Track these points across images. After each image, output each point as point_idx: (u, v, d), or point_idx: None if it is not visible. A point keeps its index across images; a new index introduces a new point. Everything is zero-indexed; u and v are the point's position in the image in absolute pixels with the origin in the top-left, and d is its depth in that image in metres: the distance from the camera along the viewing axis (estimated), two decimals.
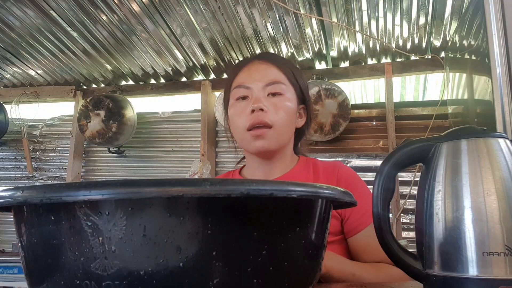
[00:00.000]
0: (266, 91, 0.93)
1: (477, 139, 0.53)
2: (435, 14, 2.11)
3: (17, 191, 0.39)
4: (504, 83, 1.34)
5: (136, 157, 2.99)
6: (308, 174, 0.97)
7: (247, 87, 0.93)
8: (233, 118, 0.96)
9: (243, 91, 0.94)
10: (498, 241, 0.48)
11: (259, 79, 0.93)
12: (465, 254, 0.49)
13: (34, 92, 3.08)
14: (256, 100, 0.91)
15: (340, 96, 2.41)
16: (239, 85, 0.95)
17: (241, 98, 0.94)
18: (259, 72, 0.95)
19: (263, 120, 0.89)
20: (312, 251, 0.46)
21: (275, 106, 0.91)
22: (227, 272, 0.39)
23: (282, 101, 0.93)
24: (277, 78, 0.94)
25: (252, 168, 1.01)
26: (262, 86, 0.93)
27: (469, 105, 1.75)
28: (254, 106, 0.90)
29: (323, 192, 0.44)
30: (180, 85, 2.89)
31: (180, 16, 2.27)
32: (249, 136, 0.91)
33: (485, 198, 0.49)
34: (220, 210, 0.39)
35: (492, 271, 0.48)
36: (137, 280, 0.37)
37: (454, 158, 0.53)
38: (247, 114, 0.91)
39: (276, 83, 0.93)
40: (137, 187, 0.35)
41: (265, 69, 0.95)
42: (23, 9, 2.29)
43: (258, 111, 0.90)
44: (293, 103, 0.95)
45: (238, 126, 0.94)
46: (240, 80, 0.96)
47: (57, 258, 0.39)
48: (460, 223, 0.50)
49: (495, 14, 1.37)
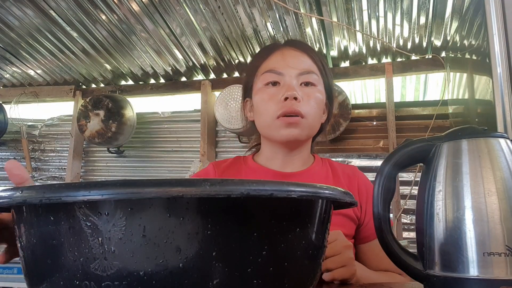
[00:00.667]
0: (299, 80, 0.89)
1: (478, 139, 0.53)
2: (435, 13, 2.11)
3: (16, 191, 0.38)
4: (504, 83, 1.34)
5: (135, 157, 2.99)
6: (328, 173, 0.96)
7: (280, 73, 0.89)
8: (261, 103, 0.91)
9: (275, 77, 0.89)
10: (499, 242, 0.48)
11: (293, 66, 0.89)
12: (465, 255, 0.49)
13: (34, 92, 3.08)
14: (289, 88, 0.87)
15: (341, 96, 2.41)
16: (271, 70, 0.90)
17: (271, 83, 0.90)
18: (293, 59, 0.90)
19: (297, 110, 0.86)
20: (312, 252, 0.46)
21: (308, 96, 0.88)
22: (227, 272, 0.38)
23: (315, 92, 0.90)
24: (311, 68, 0.91)
25: (269, 157, 0.96)
26: (296, 74, 0.89)
27: (470, 105, 1.75)
28: (288, 94, 0.86)
29: (323, 192, 0.44)
30: (180, 85, 2.89)
31: (180, 15, 2.27)
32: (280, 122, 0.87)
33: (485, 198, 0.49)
34: (220, 211, 0.38)
35: (492, 272, 0.47)
36: (136, 281, 0.37)
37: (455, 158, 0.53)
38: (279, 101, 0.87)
39: (310, 73, 0.90)
40: (136, 187, 0.35)
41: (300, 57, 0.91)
42: (23, 8, 2.28)
43: (292, 100, 0.86)
44: (323, 96, 0.93)
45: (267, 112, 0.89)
46: (272, 64, 0.91)
47: (57, 259, 0.39)
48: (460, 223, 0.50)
49: (496, 14, 1.37)
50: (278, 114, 0.87)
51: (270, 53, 0.93)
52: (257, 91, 0.92)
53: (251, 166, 0.97)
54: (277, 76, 0.89)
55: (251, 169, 0.96)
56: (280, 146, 0.92)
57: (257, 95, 0.92)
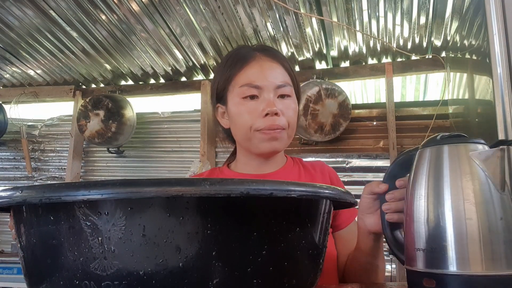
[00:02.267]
0: (277, 93, 0.90)
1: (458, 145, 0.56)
2: (435, 13, 2.11)
3: (16, 191, 0.38)
4: (505, 83, 1.34)
5: (135, 157, 2.98)
6: (300, 171, 0.99)
7: (258, 87, 0.89)
8: (239, 116, 0.91)
9: (253, 90, 0.89)
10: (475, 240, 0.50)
11: (271, 79, 0.90)
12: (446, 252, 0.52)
13: (33, 92, 3.08)
14: (269, 103, 0.88)
15: (341, 96, 2.41)
16: (249, 84, 0.90)
17: (249, 97, 0.90)
18: (271, 71, 0.91)
19: (279, 125, 0.88)
20: (312, 252, 0.46)
21: (286, 109, 0.90)
22: (227, 272, 0.38)
23: (291, 103, 0.92)
24: (287, 80, 0.92)
25: (245, 163, 0.99)
26: (274, 87, 0.90)
27: (470, 105, 1.75)
28: (269, 110, 0.87)
29: (323, 192, 0.44)
30: (180, 85, 2.89)
31: (179, 15, 2.27)
32: (262, 136, 0.89)
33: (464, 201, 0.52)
34: (220, 210, 0.38)
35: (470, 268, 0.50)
36: (136, 281, 0.37)
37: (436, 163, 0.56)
38: (259, 116, 0.88)
39: (286, 85, 0.91)
40: (136, 187, 0.35)
41: (276, 68, 0.92)
42: (23, 8, 2.28)
43: (273, 115, 0.88)
44: (296, 104, 0.95)
45: (245, 125, 0.90)
46: (250, 78, 0.90)
47: (57, 258, 0.39)
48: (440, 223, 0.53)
49: (496, 14, 1.36)
50: (259, 128, 0.88)
51: (245, 63, 0.92)
52: (235, 104, 0.92)
53: (227, 174, 1.00)
54: (255, 89, 0.89)
55: (228, 176, 0.99)
56: (257, 156, 0.95)
57: (234, 107, 0.92)
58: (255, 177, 0.95)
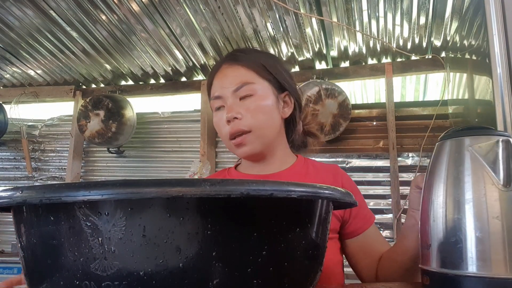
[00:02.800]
0: (237, 96, 0.91)
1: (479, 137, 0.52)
2: (435, 14, 2.11)
3: (16, 191, 0.38)
4: (504, 83, 1.34)
5: (135, 157, 2.98)
6: (307, 172, 0.97)
7: (219, 97, 0.93)
8: (216, 128, 0.97)
9: (218, 102, 0.94)
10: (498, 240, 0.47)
11: (227, 85, 0.92)
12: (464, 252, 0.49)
13: (34, 92, 3.08)
14: (229, 109, 0.90)
15: (341, 96, 2.41)
16: (213, 97, 0.95)
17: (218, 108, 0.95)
18: (226, 77, 0.93)
19: (240, 128, 0.89)
20: (312, 252, 0.46)
21: (248, 110, 0.89)
22: (227, 272, 0.38)
23: (255, 101, 0.90)
24: (244, 79, 0.91)
25: (246, 165, 1.02)
26: (231, 92, 0.91)
27: (470, 105, 1.75)
28: (227, 117, 0.89)
29: (323, 192, 0.44)
30: (180, 85, 2.89)
31: (179, 16, 2.27)
32: (232, 144, 0.92)
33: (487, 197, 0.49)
34: (220, 211, 0.39)
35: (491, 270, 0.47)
36: (136, 281, 0.37)
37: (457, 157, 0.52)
38: (225, 124, 0.91)
39: (244, 85, 0.90)
40: (136, 187, 0.35)
41: (231, 73, 0.93)
42: (23, 9, 2.28)
43: (233, 121, 0.89)
44: (269, 99, 0.92)
45: (222, 136, 0.95)
46: (213, 91, 0.95)
47: (57, 259, 0.39)
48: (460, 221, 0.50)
49: (496, 14, 1.37)
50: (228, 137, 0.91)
51: (212, 78, 0.98)
52: (214, 116, 0.97)
53: (234, 174, 1.02)
54: (219, 100, 0.93)
55: (232, 177, 1.02)
56: (249, 160, 0.98)
57: (213, 119, 0.98)
58: (257, 178, 0.95)
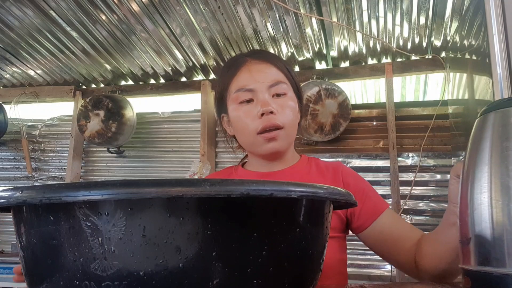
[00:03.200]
0: (270, 92, 0.92)
1: None
2: (435, 14, 2.11)
3: (16, 191, 0.38)
4: (504, 83, 1.34)
5: (135, 157, 2.98)
6: (310, 170, 0.98)
7: (251, 90, 0.91)
8: (239, 121, 0.94)
9: (246, 94, 0.92)
10: None
11: (262, 80, 0.91)
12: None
13: (34, 92, 3.08)
14: (264, 103, 0.89)
15: (341, 96, 2.41)
16: (242, 88, 0.92)
17: (245, 101, 0.92)
18: (261, 73, 0.93)
19: (275, 123, 0.89)
20: (312, 252, 0.46)
21: (282, 107, 0.91)
22: (227, 272, 0.38)
23: (287, 101, 0.93)
24: (279, 78, 0.93)
25: (255, 165, 1.01)
26: (267, 87, 0.91)
27: (470, 105, 1.75)
28: (264, 110, 0.89)
29: (323, 192, 0.44)
30: (180, 85, 2.89)
31: (179, 16, 2.27)
32: (261, 139, 0.90)
33: None
34: (220, 211, 0.38)
35: None
36: (136, 281, 0.37)
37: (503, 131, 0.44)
38: (256, 118, 0.90)
39: (280, 83, 0.93)
40: (136, 187, 0.35)
41: (266, 69, 0.94)
42: (23, 9, 2.28)
43: (269, 114, 0.89)
44: (295, 102, 0.96)
45: (247, 130, 0.92)
46: (242, 82, 0.93)
47: (57, 259, 0.39)
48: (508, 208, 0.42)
49: (496, 14, 1.37)
50: (258, 131, 0.90)
51: (237, 70, 0.95)
52: (233, 110, 0.95)
53: (240, 172, 1.03)
54: (249, 93, 0.92)
55: (239, 175, 1.02)
56: (264, 157, 0.97)
57: (233, 113, 0.95)
58: (264, 175, 0.97)
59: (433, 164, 2.38)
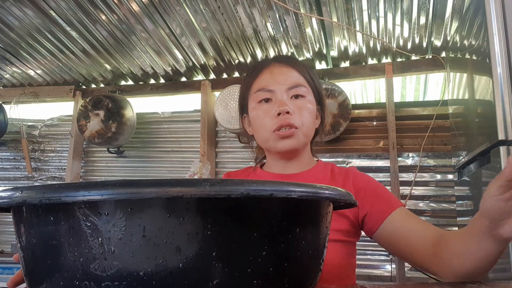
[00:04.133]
0: (289, 94, 0.96)
1: None
2: (435, 14, 2.11)
3: (16, 192, 0.38)
4: (505, 83, 1.34)
5: (135, 157, 2.98)
6: (326, 176, 1.00)
7: (270, 90, 0.96)
8: (257, 120, 0.98)
9: (266, 94, 0.96)
10: None
11: (282, 81, 0.96)
12: None
13: (33, 92, 3.08)
14: (281, 103, 0.93)
15: (341, 96, 2.41)
16: (262, 88, 0.97)
17: (264, 100, 0.97)
18: (282, 75, 0.97)
19: (290, 122, 0.93)
20: (312, 252, 0.46)
21: (299, 108, 0.95)
22: (227, 273, 0.38)
23: (305, 103, 0.96)
24: (299, 81, 0.97)
25: (272, 165, 1.04)
26: (286, 89, 0.95)
27: (470, 105, 1.75)
28: (280, 109, 0.92)
29: (323, 192, 0.44)
30: (180, 85, 2.89)
31: (179, 16, 2.27)
32: (276, 136, 0.94)
33: None
34: (220, 211, 0.38)
35: None
36: (136, 281, 0.37)
37: None
38: (273, 117, 0.94)
39: (299, 86, 0.96)
40: (136, 187, 0.35)
41: (287, 72, 0.98)
42: (22, 9, 2.28)
43: (285, 114, 0.92)
44: (313, 105, 0.99)
45: (263, 128, 0.96)
46: (263, 83, 0.98)
47: (57, 259, 0.39)
48: None
49: (496, 14, 1.37)
50: (274, 128, 0.94)
51: (259, 72, 1.00)
52: (252, 109, 1.00)
53: (259, 173, 1.06)
54: (268, 93, 0.96)
55: (257, 175, 1.05)
56: (280, 156, 1.00)
57: (252, 112, 1.00)
58: (280, 177, 1.00)
59: (433, 164, 2.38)
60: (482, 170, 1.59)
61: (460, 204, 2.07)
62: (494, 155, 1.41)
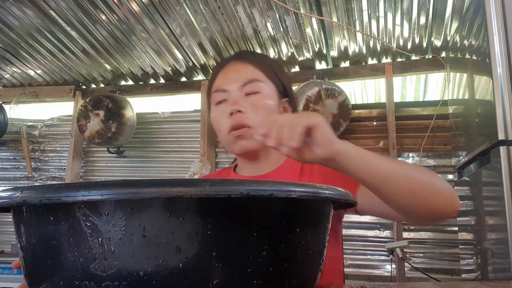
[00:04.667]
0: (243, 91, 0.92)
1: None
2: (435, 14, 2.11)
3: (16, 192, 0.38)
4: (505, 83, 1.34)
5: (135, 157, 2.99)
6: (295, 171, 0.96)
7: (224, 90, 0.93)
8: (214, 122, 0.96)
9: (221, 95, 0.94)
10: None
11: (235, 79, 0.93)
12: None
13: (33, 92, 3.08)
14: (233, 102, 0.90)
15: (341, 96, 2.41)
16: (217, 90, 0.95)
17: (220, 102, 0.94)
18: (235, 73, 0.94)
19: (242, 122, 0.89)
20: (312, 252, 0.46)
21: (253, 106, 0.91)
22: (226, 273, 0.38)
23: (260, 99, 0.92)
24: (254, 77, 0.93)
25: (241, 167, 1.02)
26: (239, 87, 0.92)
27: (470, 105, 1.75)
28: (231, 109, 0.89)
29: (323, 192, 0.44)
30: (180, 85, 2.89)
31: (179, 16, 2.27)
32: (232, 137, 0.91)
33: None
34: (220, 211, 0.38)
35: None
36: (136, 281, 0.37)
37: None
38: (227, 117, 0.91)
39: (253, 82, 0.92)
40: (136, 187, 0.35)
41: (241, 69, 0.95)
42: (23, 9, 2.28)
43: (236, 113, 0.89)
44: (273, 100, 0.94)
45: (220, 130, 0.93)
46: (218, 84, 0.96)
47: (57, 259, 0.39)
48: None
49: (496, 14, 1.37)
50: (228, 130, 0.91)
51: (217, 72, 0.98)
52: (212, 111, 0.97)
53: (232, 176, 1.03)
54: (223, 93, 0.94)
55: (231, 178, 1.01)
56: (243, 157, 0.97)
57: (212, 114, 0.97)
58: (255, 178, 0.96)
59: (433, 164, 2.38)
60: (482, 170, 1.59)
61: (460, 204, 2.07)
62: (494, 155, 1.41)
